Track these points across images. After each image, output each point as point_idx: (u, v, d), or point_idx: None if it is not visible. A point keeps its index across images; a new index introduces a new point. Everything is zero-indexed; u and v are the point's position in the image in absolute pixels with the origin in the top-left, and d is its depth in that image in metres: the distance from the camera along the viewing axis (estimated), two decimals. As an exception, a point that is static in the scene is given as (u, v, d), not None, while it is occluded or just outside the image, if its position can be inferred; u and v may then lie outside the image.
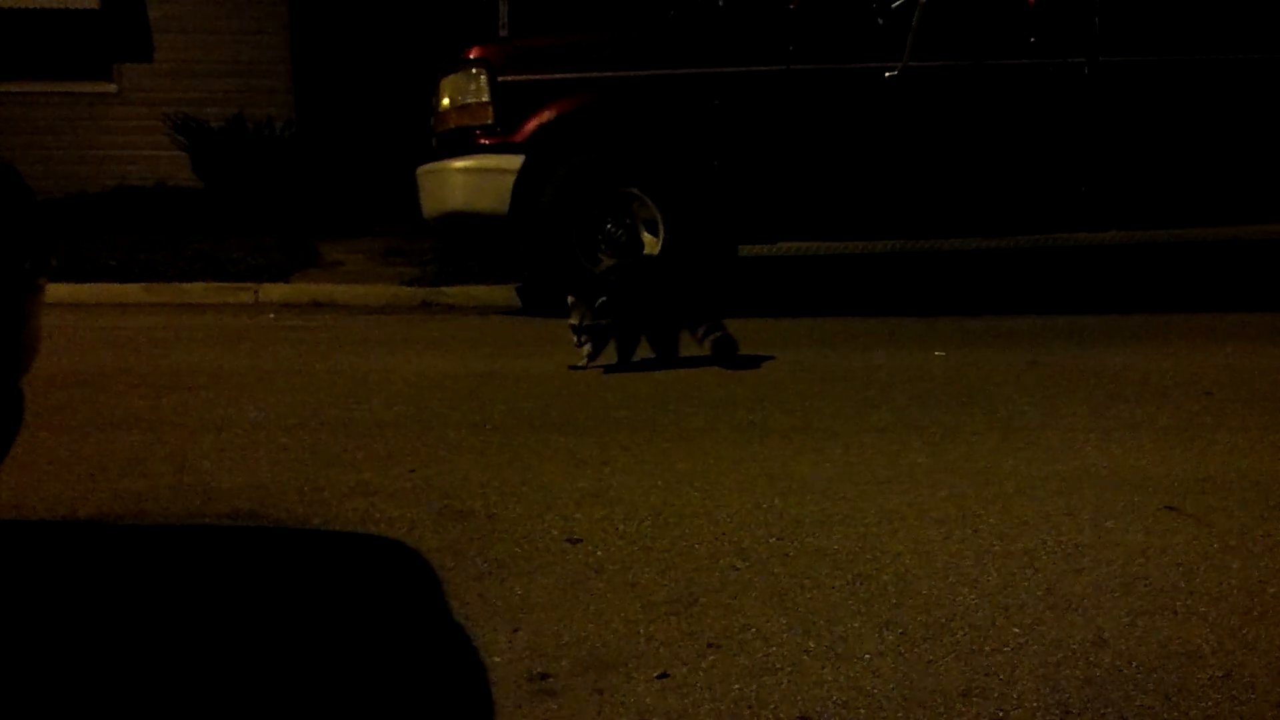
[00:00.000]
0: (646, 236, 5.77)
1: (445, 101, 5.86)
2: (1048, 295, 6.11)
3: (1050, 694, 1.74)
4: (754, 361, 4.35)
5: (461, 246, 6.98)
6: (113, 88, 10.87)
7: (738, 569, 2.26)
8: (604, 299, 4.11)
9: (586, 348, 4.18)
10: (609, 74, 5.77)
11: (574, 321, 4.14)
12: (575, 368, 4.24)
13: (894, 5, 5.60)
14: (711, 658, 1.87)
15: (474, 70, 5.73)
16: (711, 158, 5.70)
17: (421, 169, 6.15)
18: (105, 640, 1.95)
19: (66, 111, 10.76)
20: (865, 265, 6.17)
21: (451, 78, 5.83)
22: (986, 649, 1.89)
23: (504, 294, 6.57)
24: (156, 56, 10.85)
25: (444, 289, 6.67)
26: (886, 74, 5.60)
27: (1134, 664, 1.84)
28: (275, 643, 1.95)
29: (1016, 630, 1.96)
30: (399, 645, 1.94)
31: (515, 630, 1.97)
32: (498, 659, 1.86)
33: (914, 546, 2.37)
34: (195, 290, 6.68)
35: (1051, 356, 4.46)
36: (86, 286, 6.56)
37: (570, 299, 4.17)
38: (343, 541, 2.44)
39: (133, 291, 6.64)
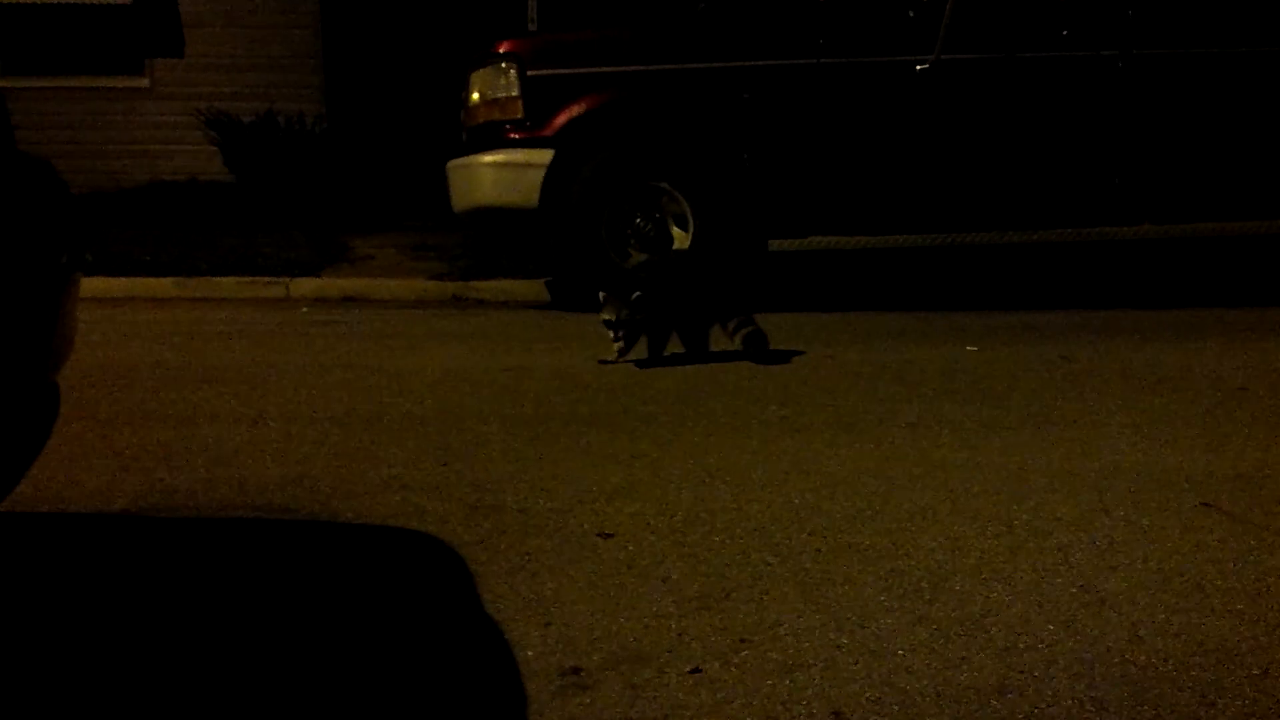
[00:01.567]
0: (676, 231, 5.76)
1: (475, 96, 5.87)
2: (1080, 290, 6.06)
3: (1086, 691, 1.73)
4: (784, 356, 4.34)
5: (491, 241, 6.99)
6: (145, 82, 10.95)
7: (769, 564, 2.25)
8: (638, 294, 4.12)
9: (619, 343, 4.19)
10: (638, 68, 5.77)
11: (607, 317, 4.14)
12: (605, 362, 4.25)
13: (925, -2, 5.57)
14: (743, 653, 1.87)
15: (504, 64, 5.73)
16: (741, 152, 5.69)
17: (451, 163, 6.17)
18: (139, 630, 1.97)
19: (99, 106, 10.86)
20: (896, 260, 6.14)
21: (481, 72, 5.84)
22: (1021, 646, 1.88)
23: (534, 288, 6.58)
24: (188, 51, 10.92)
25: (474, 283, 6.69)
26: (918, 67, 5.57)
27: (1170, 661, 1.82)
28: (310, 634, 1.96)
29: (1051, 627, 1.95)
30: (433, 638, 1.95)
31: (547, 624, 1.98)
32: (530, 653, 1.87)
33: (947, 542, 2.36)
34: (227, 285, 6.73)
35: (1085, 351, 4.42)
36: (119, 280, 6.62)
37: (602, 295, 4.18)
38: (376, 535, 2.46)
39: (165, 285, 6.70)
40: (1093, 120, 5.67)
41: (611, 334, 4.16)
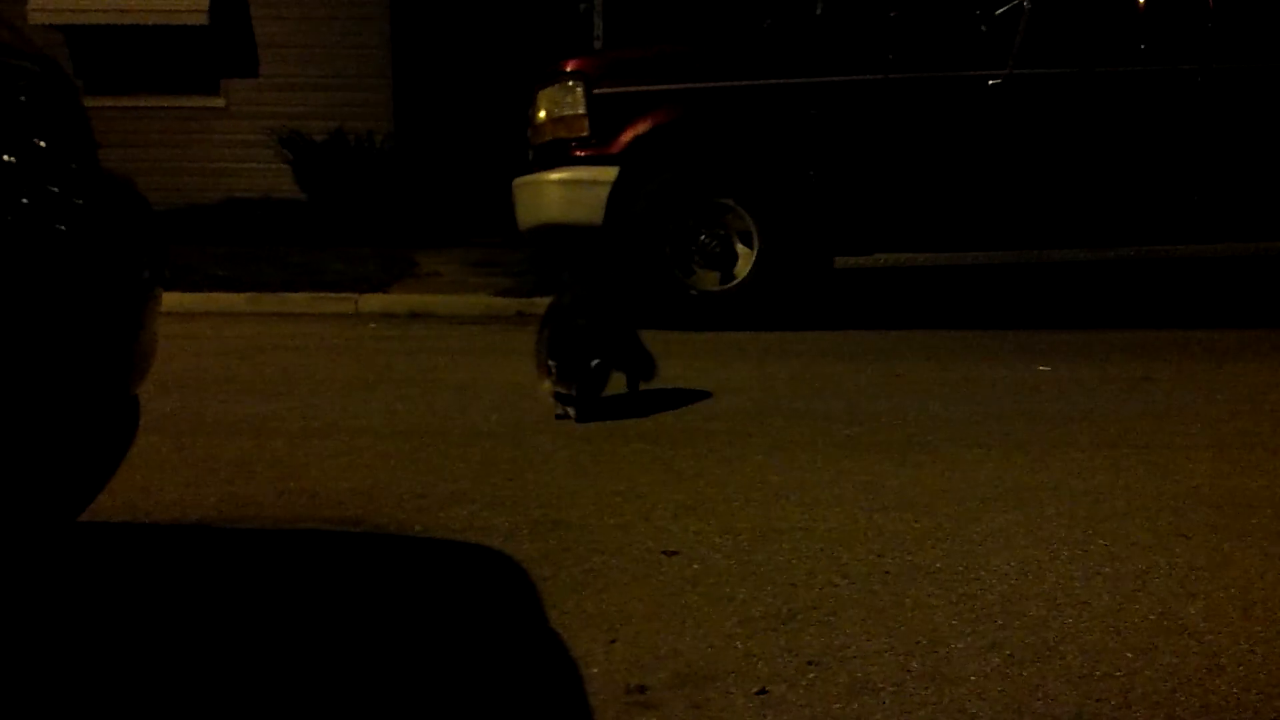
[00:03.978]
0: (740, 248, 5.75)
1: (541, 114, 5.92)
2: (1157, 308, 5.94)
3: (1165, 722, 1.68)
4: (850, 375, 4.30)
5: (556, 257, 7.03)
6: (220, 102, 11.22)
7: (836, 585, 2.23)
8: (555, 364, 3.67)
9: (569, 415, 3.75)
10: (704, 85, 5.77)
11: (547, 389, 3.73)
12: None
13: (998, 12, 5.50)
14: (811, 675, 1.84)
15: (570, 83, 5.77)
16: (807, 168, 5.66)
17: (517, 181, 6.22)
18: (213, 637, 2.00)
19: (177, 125, 11.14)
20: (965, 276, 6.06)
21: (548, 90, 5.89)
22: (1098, 673, 1.83)
23: (598, 305, 6.59)
24: (262, 71, 11.17)
25: (538, 300, 6.72)
26: (990, 82, 5.51)
27: (1252, 691, 1.77)
28: (379, 645, 1.97)
29: (1129, 654, 1.90)
30: (499, 653, 1.95)
31: (612, 641, 1.97)
32: (595, 670, 1.86)
33: (1020, 566, 2.31)
34: (298, 300, 6.84)
35: (1162, 371, 4.33)
36: (194, 295, 6.76)
37: (551, 364, 3.70)
38: (443, 548, 2.47)
39: (238, 301, 6.83)
40: (1171, 136, 5.56)
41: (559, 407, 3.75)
